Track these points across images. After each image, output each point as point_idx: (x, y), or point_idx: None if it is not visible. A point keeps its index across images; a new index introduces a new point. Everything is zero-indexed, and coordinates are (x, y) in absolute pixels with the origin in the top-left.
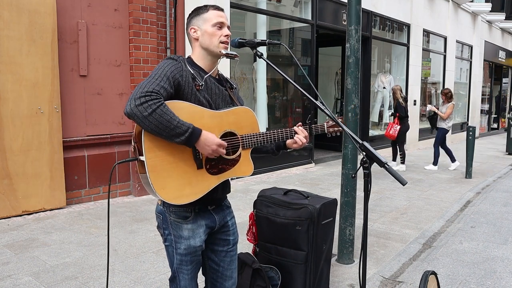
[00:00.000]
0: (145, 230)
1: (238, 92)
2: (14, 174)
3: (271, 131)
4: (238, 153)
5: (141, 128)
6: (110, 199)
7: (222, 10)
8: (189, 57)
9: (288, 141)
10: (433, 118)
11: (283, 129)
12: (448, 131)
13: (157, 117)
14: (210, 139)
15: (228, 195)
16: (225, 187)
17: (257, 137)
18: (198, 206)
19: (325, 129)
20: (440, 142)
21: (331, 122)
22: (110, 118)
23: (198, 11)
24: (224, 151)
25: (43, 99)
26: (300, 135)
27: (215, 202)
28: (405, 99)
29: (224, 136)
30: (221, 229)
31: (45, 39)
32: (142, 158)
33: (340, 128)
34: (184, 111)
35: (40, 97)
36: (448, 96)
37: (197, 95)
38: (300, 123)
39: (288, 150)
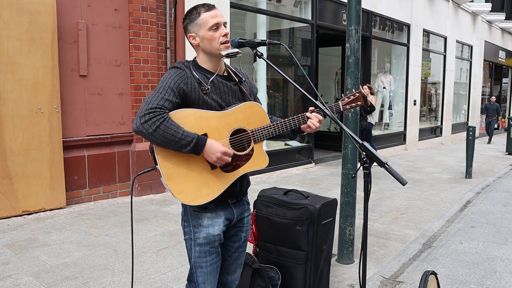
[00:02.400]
0: (145, 230)
1: (250, 83)
2: (14, 174)
3: (280, 122)
4: (250, 148)
5: None
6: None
7: (214, 7)
8: (194, 60)
9: (303, 126)
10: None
11: (294, 117)
12: (373, 125)
13: (161, 133)
14: (214, 147)
15: None
16: (243, 181)
17: (267, 129)
18: (218, 200)
19: (340, 107)
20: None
21: (346, 99)
22: (110, 118)
23: (190, 16)
24: (229, 159)
25: (43, 99)
26: (314, 120)
27: (235, 195)
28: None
29: (234, 133)
30: (237, 223)
31: (45, 39)
32: (158, 167)
33: (361, 101)
34: (189, 118)
35: (40, 97)
36: (370, 89)
37: (204, 99)
38: (312, 108)
39: (303, 134)
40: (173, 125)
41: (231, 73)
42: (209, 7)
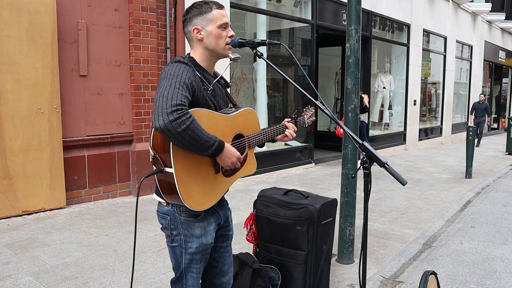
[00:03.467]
0: (145, 230)
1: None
2: (14, 174)
3: (269, 129)
4: (245, 153)
5: (166, 140)
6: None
7: (223, 7)
8: (191, 57)
9: (278, 137)
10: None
11: (277, 126)
12: (365, 123)
13: (190, 133)
14: (231, 152)
15: (228, 195)
16: None
17: (259, 135)
18: None
19: (305, 121)
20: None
21: (308, 113)
22: (110, 118)
23: (200, 9)
24: (239, 164)
25: (43, 99)
26: (290, 130)
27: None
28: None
29: (235, 138)
30: (224, 224)
31: (45, 39)
32: (168, 170)
33: (313, 117)
34: (204, 119)
35: (40, 97)
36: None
37: (206, 99)
38: (288, 119)
39: (275, 142)
40: (199, 126)
41: (217, 76)
42: (220, 6)
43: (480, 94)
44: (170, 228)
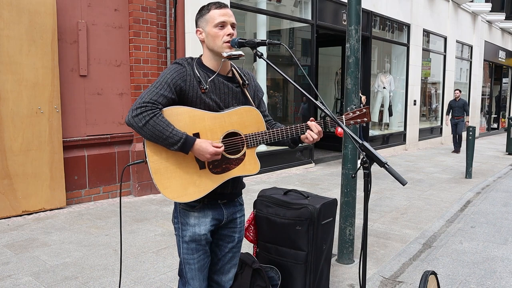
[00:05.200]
0: (145, 230)
1: (255, 86)
2: (14, 174)
3: (277, 129)
4: (242, 152)
5: None
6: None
7: (225, 6)
8: (199, 58)
9: (302, 136)
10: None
11: (292, 127)
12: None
13: (150, 128)
14: (204, 148)
15: None
16: (236, 183)
17: (262, 135)
18: (208, 199)
19: (344, 121)
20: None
21: (351, 114)
22: (110, 118)
23: (201, 11)
24: (220, 157)
25: (43, 99)
26: (312, 131)
27: (226, 197)
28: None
29: (227, 136)
30: (229, 224)
31: (45, 39)
32: (147, 160)
33: (368, 117)
34: (183, 116)
35: (40, 97)
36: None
37: (202, 97)
38: (312, 118)
39: (303, 144)
40: (163, 122)
41: (236, 74)
42: (220, 5)
43: (455, 90)
44: (173, 216)
